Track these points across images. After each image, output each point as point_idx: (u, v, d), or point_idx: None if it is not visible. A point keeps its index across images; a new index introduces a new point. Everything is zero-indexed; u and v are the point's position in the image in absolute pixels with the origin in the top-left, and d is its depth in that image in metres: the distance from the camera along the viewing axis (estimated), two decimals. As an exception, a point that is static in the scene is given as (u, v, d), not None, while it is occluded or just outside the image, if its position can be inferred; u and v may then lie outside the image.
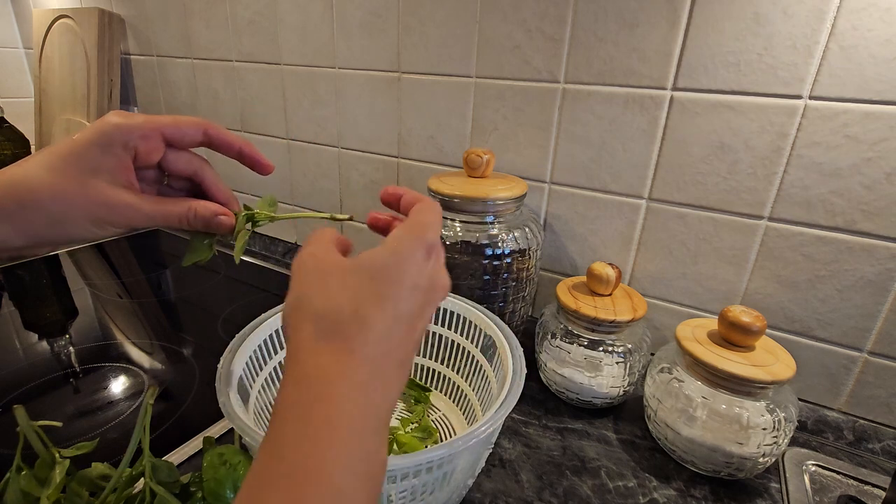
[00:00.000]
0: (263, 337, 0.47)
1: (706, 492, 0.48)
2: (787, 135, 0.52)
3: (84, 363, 0.64)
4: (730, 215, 0.57)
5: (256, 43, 0.88)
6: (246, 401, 0.42)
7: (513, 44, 0.64)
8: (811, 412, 0.58)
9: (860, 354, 0.54)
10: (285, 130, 0.91)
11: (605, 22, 0.57)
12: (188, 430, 0.52)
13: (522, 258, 0.61)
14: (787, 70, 0.50)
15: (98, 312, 0.78)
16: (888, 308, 0.52)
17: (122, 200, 0.30)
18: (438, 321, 0.55)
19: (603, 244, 0.66)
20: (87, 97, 1.05)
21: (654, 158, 0.59)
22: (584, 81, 0.61)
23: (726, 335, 0.49)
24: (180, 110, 1.06)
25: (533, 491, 0.47)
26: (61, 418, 0.54)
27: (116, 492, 0.37)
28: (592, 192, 0.64)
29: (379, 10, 0.72)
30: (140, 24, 1.04)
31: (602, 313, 0.54)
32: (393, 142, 0.79)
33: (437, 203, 0.30)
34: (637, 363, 0.56)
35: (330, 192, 0.90)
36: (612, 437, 0.55)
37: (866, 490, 0.49)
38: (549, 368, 0.59)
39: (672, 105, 0.56)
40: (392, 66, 0.74)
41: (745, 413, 0.46)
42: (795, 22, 0.48)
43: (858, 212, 0.50)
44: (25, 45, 1.27)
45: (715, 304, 0.61)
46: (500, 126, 0.68)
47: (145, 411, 0.38)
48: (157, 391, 0.40)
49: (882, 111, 0.47)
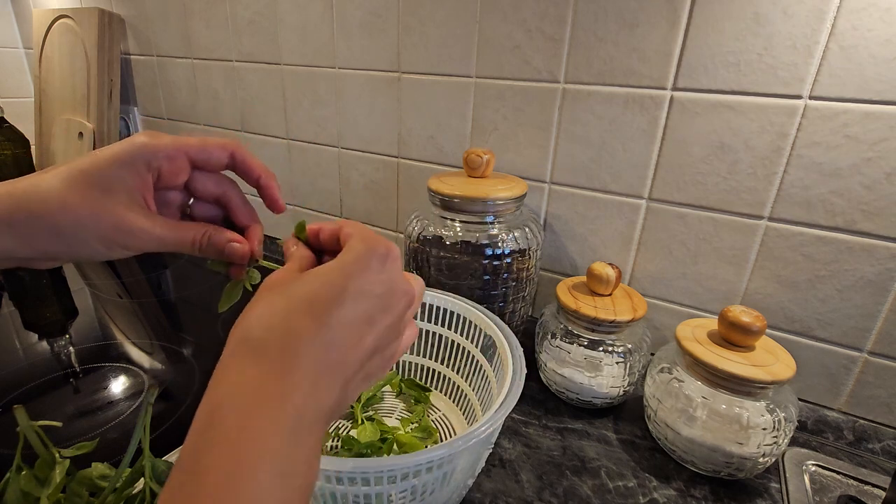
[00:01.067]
0: (263, 337, 0.47)
1: (706, 492, 0.48)
2: (787, 135, 0.52)
3: (84, 363, 0.64)
4: (730, 215, 0.57)
5: (256, 43, 0.88)
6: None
7: (513, 44, 0.64)
8: (811, 412, 0.58)
9: (860, 354, 0.54)
10: (285, 130, 0.91)
11: (605, 22, 0.57)
12: (188, 430, 0.52)
13: (522, 258, 0.61)
14: (787, 70, 0.50)
15: (98, 312, 0.78)
16: (888, 308, 0.52)
17: (134, 223, 0.29)
18: (439, 321, 0.55)
19: (603, 244, 0.66)
20: (87, 97, 1.05)
21: (654, 158, 0.59)
22: (584, 81, 0.61)
23: (726, 335, 0.49)
24: (180, 110, 1.06)
25: (533, 491, 0.47)
26: (61, 418, 0.54)
27: (116, 492, 0.37)
28: (592, 192, 0.64)
29: (379, 10, 0.72)
30: (140, 24, 1.04)
31: (602, 313, 0.54)
32: (393, 142, 0.79)
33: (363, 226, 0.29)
34: (637, 363, 0.56)
35: (330, 192, 0.90)
36: (612, 437, 0.55)
37: (866, 490, 0.49)
38: (549, 368, 0.59)
39: (672, 105, 0.56)
40: (392, 66, 0.74)
41: (745, 413, 0.46)
42: (795, 22, 0.48)
43: (858, 212, 0.50)
44: (25, 45, 1.27)
45: (715, 304, 0.61)
46: (500, 126, 0.68)
47: (145, 411, 0.38)
48: (158, 391, 0.40)
49: (882, 111, 0.47)
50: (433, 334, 0.56)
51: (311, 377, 0.22)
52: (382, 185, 0.83)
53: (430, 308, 0.55)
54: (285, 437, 0.21)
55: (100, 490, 0.38)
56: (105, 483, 0.38)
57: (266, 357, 0.22)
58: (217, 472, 0.19)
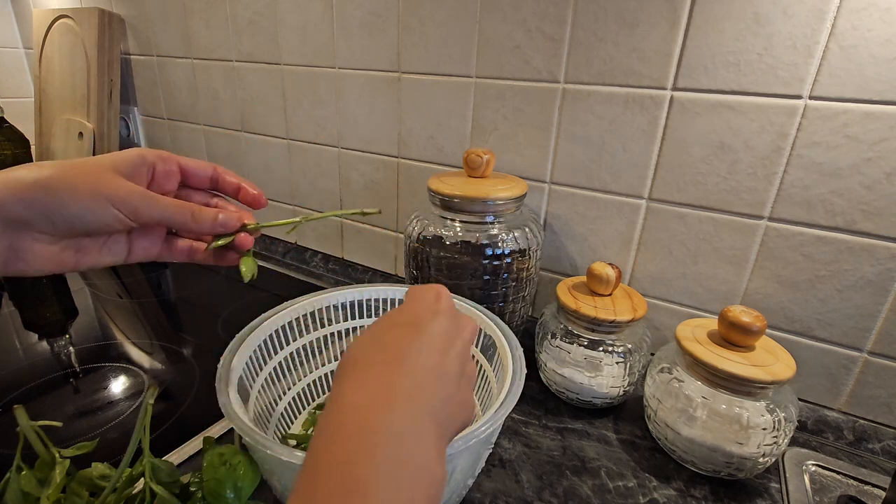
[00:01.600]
0: (263, 337, 0.47)
1: (706, 492, 0.48)
2: (787, 135, 0.52)
3: (84, 363, 0.64)
4: (730, 215, 0.57)
5: (256, 43, 0.88)
6: (246, 401, 0.42)
7: (513, 44, 0.64)
8: (811, 412, 0.58)
9: (860, 354, 0.54)
10: (285, 130, 0.91)
11: (605, 22, 0.57)
12: (188, 430, 0.52)
13: (522, 258, 0.61)
14: (787, 70, 0.50)
15: (98, 312, 0.78)
16: (888, 308, 0.52)
17: (135, 189, 0.32)
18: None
19: (603, 244, 0.66)
20: (87, 97, 1.05)
21: (654, 158, 0.59)
22: (584, 81, 0.61)
23: (726, 335, 0.49)
24: (180, 110, 1.06)
25: (533, 491, 0.47)
26: (61, 418, 0.54)
27: (116, 492, 0.37)
28: (592, 192, 0.64)
29: (379, 10, 0.72)
30: (140, 24, 1.04)
31: (602, 313, 0.54)
32: (393, 142, 0.79)
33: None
34: (637, 363, 0.56)
35: (330, 192, 0.90)
36: (612, 437, 0.55)
37: (866, 490, 0.49)
38: (549, 368, 0.59)
39: (672, 105, 0.56)
40: (392, 66, 0.74)
41: (745, 413, 0.46)
42: (795, 22, 0.48)
43: (858, 212, 0.50)
44: (25, 45, 1.27)
45: (715, 304, 0.61)
46: (500, 126, 0.68)
47: (145, 411, 0.38)
48: (157, 391, 0.40)
49: (882, 111, 0.47)
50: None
51: (417, 374, 0.25)
52: (382, 185, 0.83)
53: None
54: (399, 425, 0.22)
55: (100, 490, 0.38)
56: (105, 483, 0.38)
57: (376, 359, 0.26)
58: (336, 469, 0.20)
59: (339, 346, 0.56)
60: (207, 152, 1.06)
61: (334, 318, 0.54)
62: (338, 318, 0.55)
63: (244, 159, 1.00)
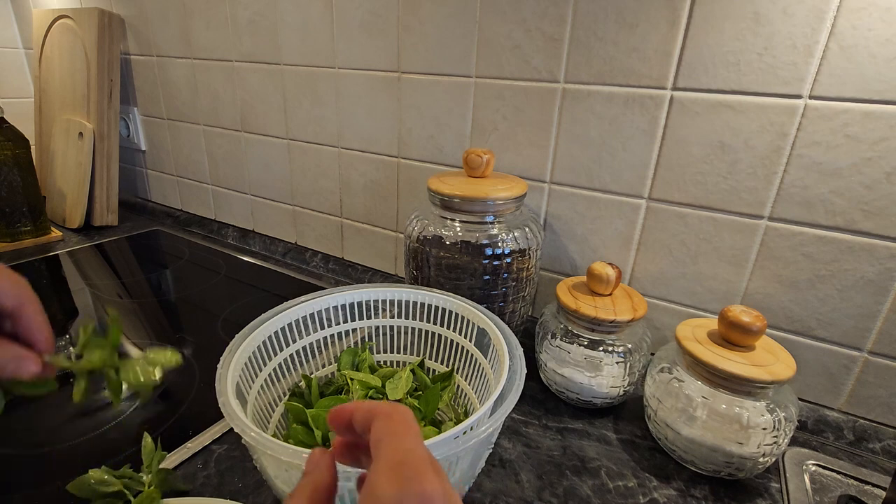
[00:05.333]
0: (263, 337, 0.47)
1: (706, 492, 0.48)
2: (787, 134, 0.52)
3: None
4: (730, 215, 0.57)
5: (256, 43, 0.88)
6: (246, 401, 0.42)
7: (512, 43, 0.63)
8: (811, 412, 0.58)
9: (860, 354, 0.54)
10: (285, 130, 0.91)
11: (605, 22, 0.57)
12: (188, 430, 0.52)
13: (522, 258, 0.61)
14: (787, 70, 0.50)
15: (98, 312, 0.78)
16: (888, 308, 0.52)
17: None
18: (438, 321, 0.55)
19: (603, 244, 0.66)
20: (87, 97, 1.05)
21: (654, 158, 0.59)
22: (584, 81, 0.61)
23: (726, 335, 0.49)
24: (180, 110, 1.06)
25: (533, 491, 0.47)
26: (61, 418, 0.54)
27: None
28: (592, 191, 0.64)
29: (379, 10, 0.72)
30: (140, 24, 1.04)
31: (602, 313, 0.54)
32: (393, 142, 0.79)
33: (399, 408, 0.22)
34: (637, 363, 0.56)
35: (330, 191, 0.90)
36: (612, 436, 0.55)
37: (866, 490, 0.49)
38: (549, 368, 0.59)
39: (672, 105, 0.56)
40: (392, 66, 0.74)
41: (745, 413, 0.46)
42: (795, 22, 0.48)
43: (858, 211, 0.50)
44: (25, 45, 1.27)
45: (715, 304, 0.61)
46: (500, 126, 0.68)
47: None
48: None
49: (882, 111, 0.47)
50: (433, 334, 0.56)
51: None
52: (382, 185, 0.83)
53: (430, 308, 0.55)
54: None
55: (100, 490, 0.38)
56: (102, 487, 0.38)
57: None
58: None
59: (339, 346, 0.56)
60: (207, 152, 1.06)
61: (334, 318, 0.54)
62: (338, 319, 0.55)
63: (244, 159, 1.00)
